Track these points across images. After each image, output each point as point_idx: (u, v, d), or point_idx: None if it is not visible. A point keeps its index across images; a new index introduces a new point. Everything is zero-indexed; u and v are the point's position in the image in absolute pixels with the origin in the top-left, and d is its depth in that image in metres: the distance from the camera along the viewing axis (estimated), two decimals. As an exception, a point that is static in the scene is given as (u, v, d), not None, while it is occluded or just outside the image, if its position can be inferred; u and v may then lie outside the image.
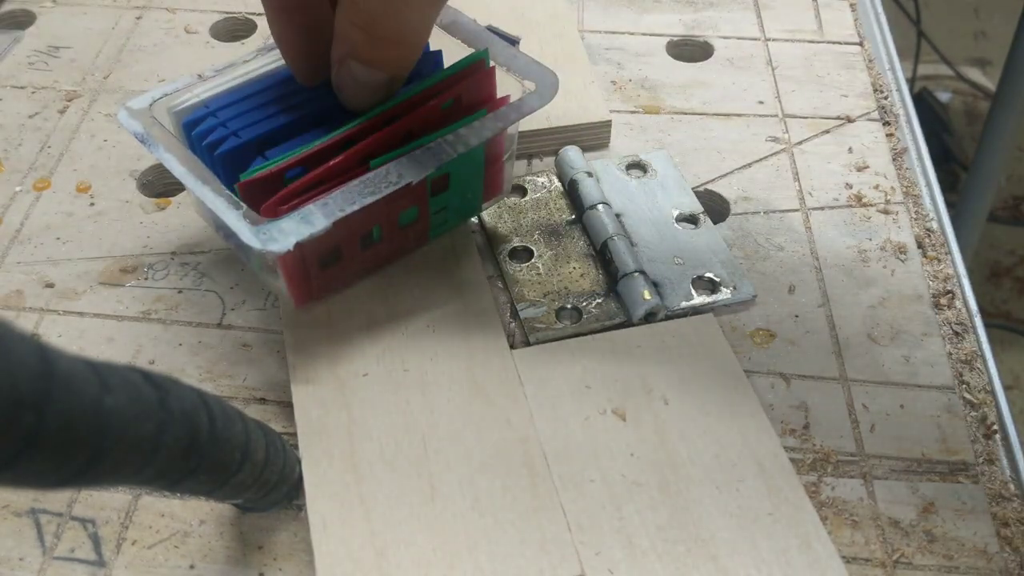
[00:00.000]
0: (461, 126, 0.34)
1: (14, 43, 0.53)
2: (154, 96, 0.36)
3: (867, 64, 0.51)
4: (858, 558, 0.31)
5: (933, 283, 0.40)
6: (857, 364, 0.37)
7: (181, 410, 0.22)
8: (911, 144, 0.48)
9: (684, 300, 0.38)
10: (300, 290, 0.36)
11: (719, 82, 0.50)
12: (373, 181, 0.32)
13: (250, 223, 0.31)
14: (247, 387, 0.36)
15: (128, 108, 0.35)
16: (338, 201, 0.32)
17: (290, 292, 0.35)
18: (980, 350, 0.38)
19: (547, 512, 0.31)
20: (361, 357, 0.36)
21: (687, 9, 0.55)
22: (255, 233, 0.30)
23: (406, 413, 0.34)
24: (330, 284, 0.37)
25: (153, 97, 0.36)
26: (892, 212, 0.43)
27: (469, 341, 0.36)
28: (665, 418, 0.34)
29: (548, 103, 0.36)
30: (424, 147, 0.34)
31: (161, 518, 0.32)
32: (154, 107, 0.36)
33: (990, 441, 0.34)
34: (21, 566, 0.31)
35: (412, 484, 0.32)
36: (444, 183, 0.37)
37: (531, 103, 0.35)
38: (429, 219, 0.38)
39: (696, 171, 0.45)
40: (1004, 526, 0.32)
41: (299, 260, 0.35)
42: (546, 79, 0.36)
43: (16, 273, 0.40)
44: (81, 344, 0.38)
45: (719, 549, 0.30)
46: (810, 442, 0.34)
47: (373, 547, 0.30)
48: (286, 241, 0.30)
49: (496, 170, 0.39)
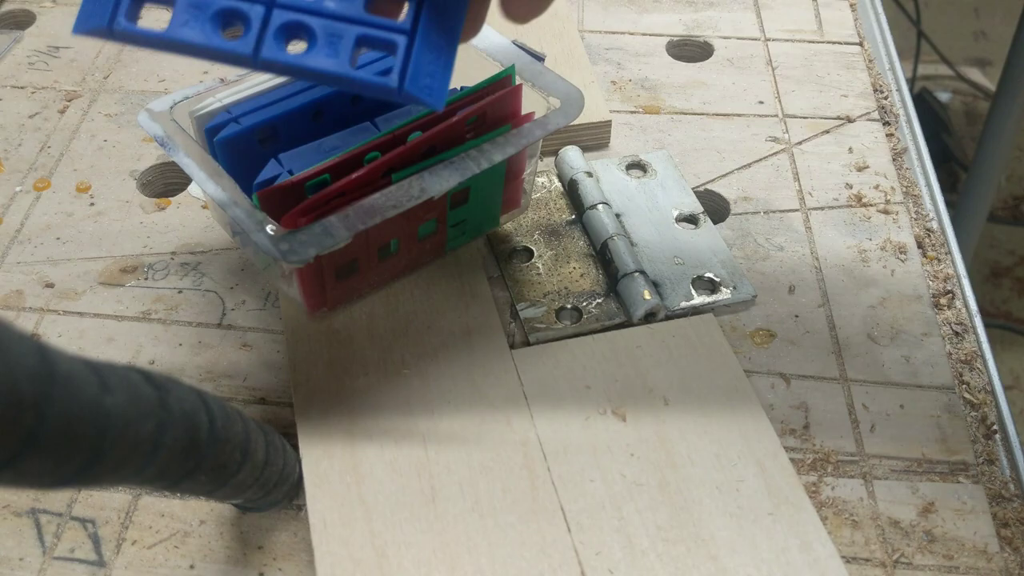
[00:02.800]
0: (485, 141, 0.34)
1: (14, 43, 0.53)
2: (175, 99, 0.36)
3: (867, 64, 0.51)
4: (858, 558, 0.31)
5: (933, 283, 0.40)
6: (857, 364, 0.37)
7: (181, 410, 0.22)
8: (911, 144, 0.48)
9: (684, 300, 0.38)
10: (315, 299, 0.36)
11: (719, 82, 0.50)
12: (395, 194, 0.32)
13: (271, 233, 0.30)
14: (247, 387, 0.36)
15: (149, 110, 0.35)
16: (359, 214, 0.31)
17: (304, 301, 0.35)
18: (980, 350, 0.38)
19: (547, 512, 0.31)
20: (361, 357, 0.36)
21: (687, 9, 0.55)
22: (275, 243, 0.30)
23: (406, 413, 0.34)
24: (344, 294, 0.37)
25: (174, 100, 0.35)
26: (892, 212, 0.43)
27: (469, 341, 0.36)
28: (665, 418, 0.34)
29: (573, 120, 0.35)
30: (447, 161, 0.33)
31: (161, 518, 0.32)
32: (175, 110, 0.35)
33: (990, 441, 0.34)
34: (21, 566, 0.31)
35: (412, 484, 0.32)
36: (464, 197, 0.37)
37: (556, 120, 0.35)
38: (447, 232, 0.38)
39: (696, 171, 0.45)
40: (1004, 526, 0.32)
41: (316, 271, 0.34)
42: (571, 96, 0.36)
43: (16, 273, 0.40)
44: (81, 344, 0.38)
45: (719, 549, 0.30)
46: (810, 442, 0.34)
47: (373, 547, 0.30)
48: (306, 253, 0.30)
49: (516, 185, 0.39)
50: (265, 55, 0.25)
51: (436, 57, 0.26)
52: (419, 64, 0.26)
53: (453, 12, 0.27)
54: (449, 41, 0.27)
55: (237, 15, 0.25)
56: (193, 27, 0.25)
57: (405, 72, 0.26)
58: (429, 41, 0.26)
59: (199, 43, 0.25)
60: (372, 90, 0.26)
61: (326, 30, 0.25)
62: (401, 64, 0.26)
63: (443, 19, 0.27)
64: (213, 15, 0.25)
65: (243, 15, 0.25)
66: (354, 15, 0.26)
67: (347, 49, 0.25)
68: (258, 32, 0.25)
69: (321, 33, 0.25)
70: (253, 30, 0.25)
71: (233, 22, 0.25)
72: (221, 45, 0.25)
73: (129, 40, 0.25)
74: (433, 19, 0.26)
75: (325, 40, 0.25)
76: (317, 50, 0.25)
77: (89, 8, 0.25)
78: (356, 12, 0.26)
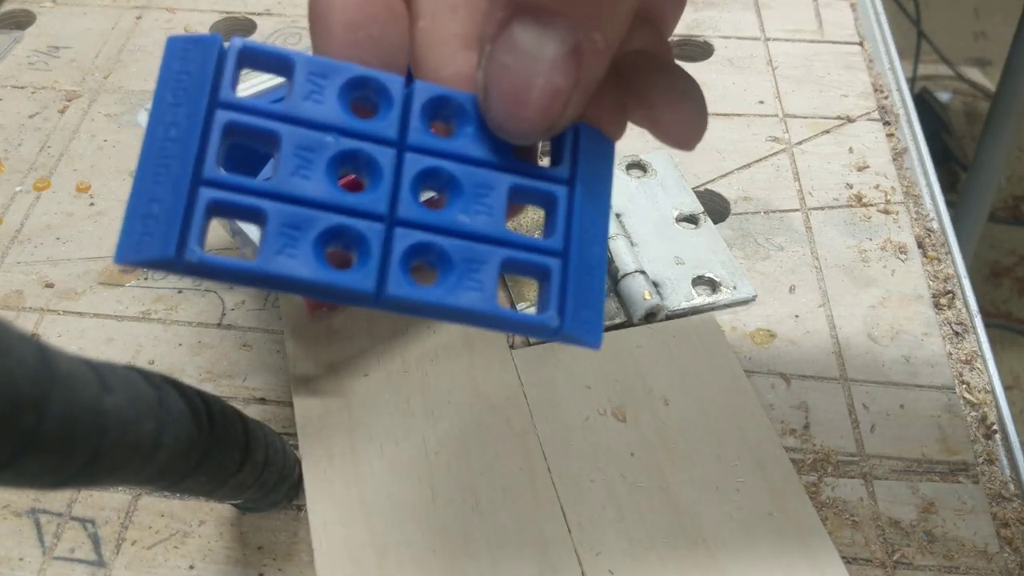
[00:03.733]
0: None
1: (14, 43, 0.53)
2: None
3: (867, 64, 0.51)
4: (858, 558, 0.31)
5: (933, 283, 0.40)
6: (857, 364, 0.37)
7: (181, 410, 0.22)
8: (911, 144, 0.48)
9: (684, 300, 0.38)
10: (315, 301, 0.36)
11: (719, 82, 0.50)
12: None
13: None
14: (247, 387, 0.36)
15: (147, 109, 0.35)
16: None
17: (304, 301, 0.35)
18: (980, 350, 0.38)
19: (547, 513, 0.31)
20: (361, 357, 0.36)
21: (687, 9, 0.55)
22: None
23: (406, 413, 0.34)
24: None
25: None
26: (892, 212, 0.43)
27: (469, 341, 0.36)
28: (665, 418, 0.34)
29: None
30: None
31: (161, 518, 0.32)
32: None
33: (990, 441, 0.34)
34: (21, 566, 0.31)
35: (412, 484, 0.32)
36: None
37: None
38: None
39: (696, 171, 0.45)
40: (1004, 526, 0.32)
41: None
42: None
43: (16, 273, 0.40)
44: (81, 344, 0.38)
45: (719, 549, 0.30)
46: (810, 442, 0.34)
47: (373, 547, 0.30)
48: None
49: None
50: (392, 292, 0.19)
51: (592, 278, 0.20)
52: (578, 292, 0.20)
53: (602, 216, 0.21)
54: (600, 257, 0.21)
55: (350, 235, 0.19)
56: (294, 255, 0.18)
57: (564, 305, 0.20)
58: (585, 262, 0.20)
59: (303, 278, 0.18)
60: (524, 331, 0.21)
61: (463, 254, 0.19)
62: (558, 294, 0.20)
63: (594, 225, 0.21)
64: (317, 238, 0.18)
65: (357, 236, 0.19)
66: (495, 233, 0.19)
67: (491, 278, 0.19)
68: (379, 260, 0.19)
69: (458, 258, 0.19)
70: (373, 256, 0.19)
71: (342, 244, 0.19)
72: (332, 280, 0.18)
73: (202, 274, 0.18)
74: (586, 230, 0.20)
75: (464, 267, 0.19)
76: (454, 280, 0.19)
77: (139, 227, 0.17)
78: (496, 229, 0.20)
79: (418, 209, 0.19)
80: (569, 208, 0.20)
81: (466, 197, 0.20)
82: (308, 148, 0.18)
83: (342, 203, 0.19)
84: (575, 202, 0.20)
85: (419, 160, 0.19)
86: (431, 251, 0.19)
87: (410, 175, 0.19)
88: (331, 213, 0.18)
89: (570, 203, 0.20)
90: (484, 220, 0.19)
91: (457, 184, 0.20)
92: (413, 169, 0.19)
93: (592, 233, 0.21)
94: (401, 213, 0.19)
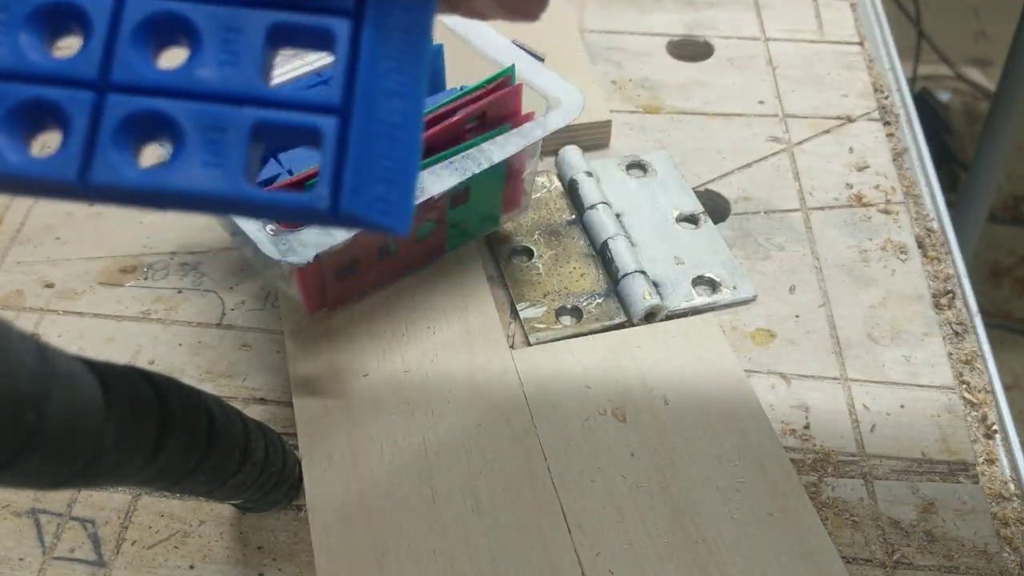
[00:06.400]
0: (485, 141, 0.34)
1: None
2: None
3: (867, 64, 0.51)
4: (858, 558, 0.31)
5: (933, 283, 0.40)
6: (857, 364, 0.37)
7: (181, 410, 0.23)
8: (911, 144, 0.48)
9: (684, 300, 0.38)
10: (314, 300, 0.36)
11: (719, 82, 0.50)
12: None
13: (270, 233, 0.30)
14: (247, 387, 0.36)
15: None
16: None
17: (304, 301, 0.35)
18: (980, 350, 0.38)
19: (547, 512, 0.31)
20: (361, 358, 0.36)
21: (687, 9, 0.55)
22: (275, 243, 0.30)
23: (406, 413, 0.34)
24: (344, 294, 0.37)
25: None
26: (892, 212, 0.43)
27: (469, 341, 0.36)
28: (665, 418, 0.34)
29: (573, 120, 0.35)
30: (446, 161, 0.33)
31: (161, 518, 0.32)
32: None
33: (990, 441, 0.34)
34: (21, 566, 0.31)
35: (412, 485, 0.32)
36: (464, 197, 0.37)
37: (556, 120, 0.35)
38: (447, 232, 0.38)
39: (696, 171, 0.45)
40: (1004, 526, 0.32)
41: (316, 271, 0.34)
42: (571, 96, 0.36)
43: (16, 273, 0.40)
44: (81, 344, 0.38)
45: (719, 549, 0.30)
46: (810, 442, 0.34)
47: (373, 547, 0.30)
48: (306, 253, 0.30)
49: (516, 184, 0.39)
50: (97, 178, 0.15)
51: (392, 143, 0.16)
52: (365, 161, 0.15)
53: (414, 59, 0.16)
54: (407, 115, 0.16)
55: (47, 110, 0.15)
56: None
57: (342, 179, 0.15)
58: (378, 122, 0.15)
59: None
60: (288, 215, 0.16)
61: (199, 120, 0.15)
62: (333, 165, 0.15)
63: (398, 71, 0.16)
64: (6, 117, 0.15)
65: (57, 109, 0.15)
66: (245, 89, 0.15)
67: (237, 149, 0.15)
68: (85, 138, 0.15)
69: (190, 126, 0.15)
70: (76, 134, 0.15)
71: (45, 122, 0.15)
72: (24, 169, 0.15)
73: None
74: (382, 77, 0.16)
75: (200, 137, 0.15)
76: (186, 156, 0.15)
77: None
78: (247, 83, 0.15)
79: (141, 69, 0.15)
80: (354, 49, 0.15)
81: (208, 46, 0.15)
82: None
83: (41, 69, 0.15)
84: (363, 40, 0.15)
85: (143, 3, 0.15)
86: (156, 121, 0.15)
87: (131, 24, 0.15)
88: (29, 84, 0.15)
89: (355, 41, 0.15)
90: (230, 73, 0.15)
91: (195, 30, 0.15)
92: (136, 16, 0.15)
93: (394, 81, 0.16)
94: (116, 76, 0.15)
